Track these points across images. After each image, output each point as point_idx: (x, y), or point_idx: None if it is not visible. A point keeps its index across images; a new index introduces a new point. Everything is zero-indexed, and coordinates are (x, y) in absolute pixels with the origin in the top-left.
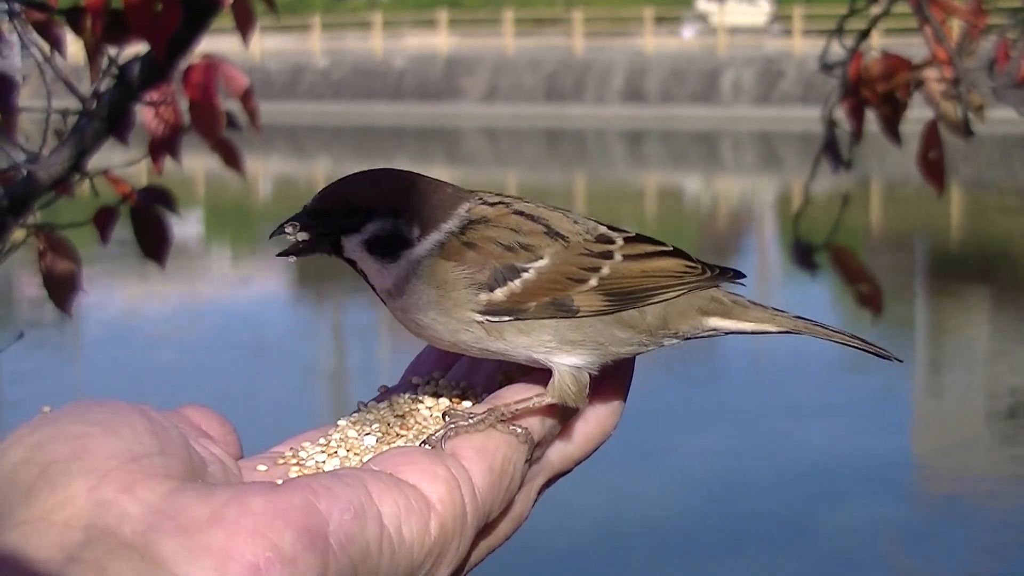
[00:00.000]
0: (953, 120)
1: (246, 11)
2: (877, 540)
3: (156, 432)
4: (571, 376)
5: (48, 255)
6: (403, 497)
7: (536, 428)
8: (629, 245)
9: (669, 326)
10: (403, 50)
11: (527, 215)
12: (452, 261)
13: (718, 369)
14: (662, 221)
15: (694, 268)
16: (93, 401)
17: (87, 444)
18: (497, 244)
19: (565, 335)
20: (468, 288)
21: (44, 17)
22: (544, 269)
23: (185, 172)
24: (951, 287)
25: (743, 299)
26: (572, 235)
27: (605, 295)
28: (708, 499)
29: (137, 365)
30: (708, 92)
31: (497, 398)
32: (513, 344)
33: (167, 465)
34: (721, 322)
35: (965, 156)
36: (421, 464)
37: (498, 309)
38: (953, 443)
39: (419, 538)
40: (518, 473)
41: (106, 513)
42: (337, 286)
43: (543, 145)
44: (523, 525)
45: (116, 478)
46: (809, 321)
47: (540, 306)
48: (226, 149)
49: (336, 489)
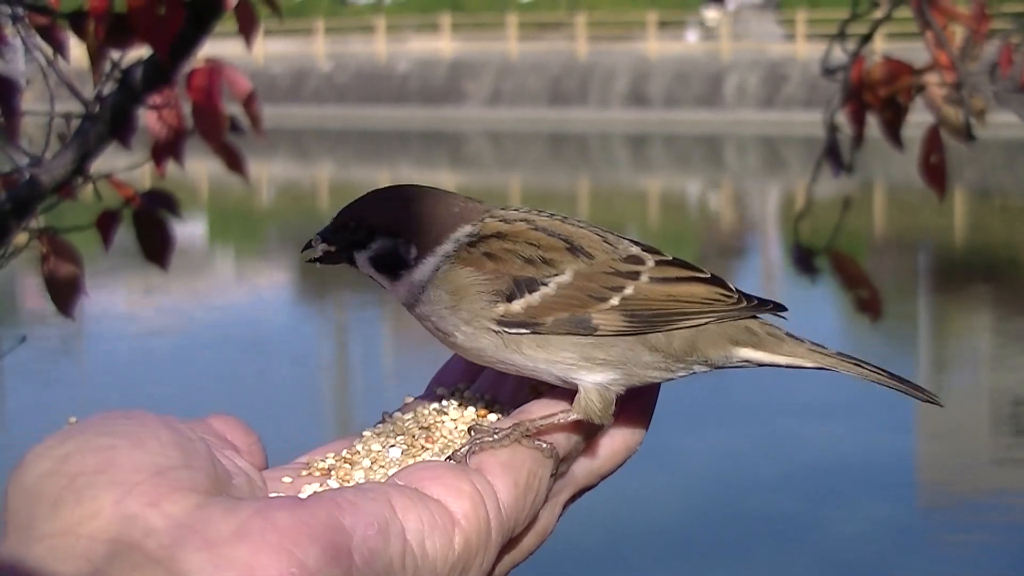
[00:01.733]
0: (955, 124)
1: (249, 14)
2: (879, 541)
3: (181, 444)
4: (597, 393)
5: (51, 258)
6: (427, 512)
7: (562, 443)
8: (660, 268)
9: (697, 353)
10: (407, 54)
11: (548, 231)
12: (469, 267)
13: (721, 369)
14: (666, 225)
15: (727, 297)
16: (120, 412)
17: (113, 457)
18: (518, 256)
19: (585, 352)
20: (484, 296)
21: (47, 21)
22: (564, 284)
23: (189, 176)
24: (955, 291)
25: (780, 331)
26: (599, 253)
27: (627, 316)
28: (710, 499)
29: (140, 369)
30: (712, 96)
31: (523, 412)
32: (532, 358)
33: (192, 478)
34: (753, 353)
35: (969, 161)
36: (446, 479)
37: (514, 320)
38: (956, 445)
39: (443, 553)
40: (543, 488)
41: (132, 527)
42: (344, 289)
43: (547, 149)
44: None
45: (142, 491)
46: (850, 358)
47: (558, 321)
48: (229, 153)
49: (361, 504)
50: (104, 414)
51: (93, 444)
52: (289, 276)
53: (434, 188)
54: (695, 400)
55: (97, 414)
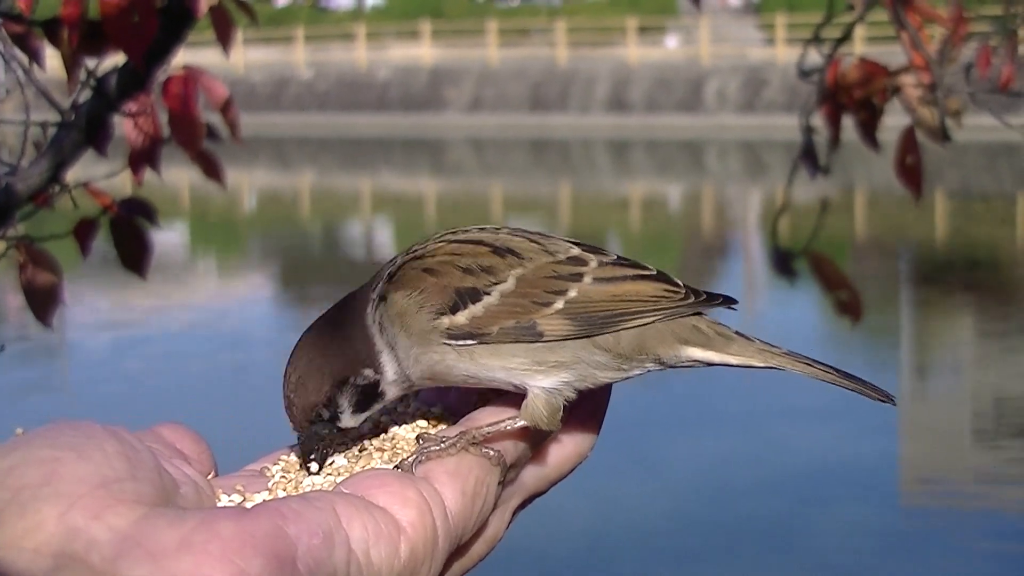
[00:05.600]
0: (930, 125)
1: (225, 21)
2: (866, 545)
3: (127, 455)
4: (543, 400)
5: (29, 267)
6: (372, 521)
7: (509, 450)
8: (602, 268)
9: (646, 353)
10: (387, 61)
11: (467, 241)
12: (402, 291)
13: (707, 374)
14: (647, 230)
15: (674, 293)
16: (66, 423)
17: (58, 469)
18: (455, 268)
19: (537, 356)
20: (426, 311)
21: (22, 29)
22: (508, 292)
23: (171, 185)
24: (936, 293)
25: (729, 330)
26: (536, 255)
27: (572, 319)
28: (697, 504)
29: (118, 378)
30: (692, 101)
31: (470, 420)
32: (488, 367)
33: (137, 490)
34: (702, 353)
35: (949, 164)
36: (393, 487)
37: (460, 333)
38: (940, 448)
39: (388, 562)
40: (491, 495)
41: (75, 540)
42: (326, 299)
43: (528, 155)
44: (504, 538)
45: (86, 504)
46: (800, 357)
47: (503, 330)
48: (206, 160)
49: (305, 513)
50: (50, 425)
51: (37, 456)
52: (270, 284)
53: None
54: (680, 406)
55: (44, 426)
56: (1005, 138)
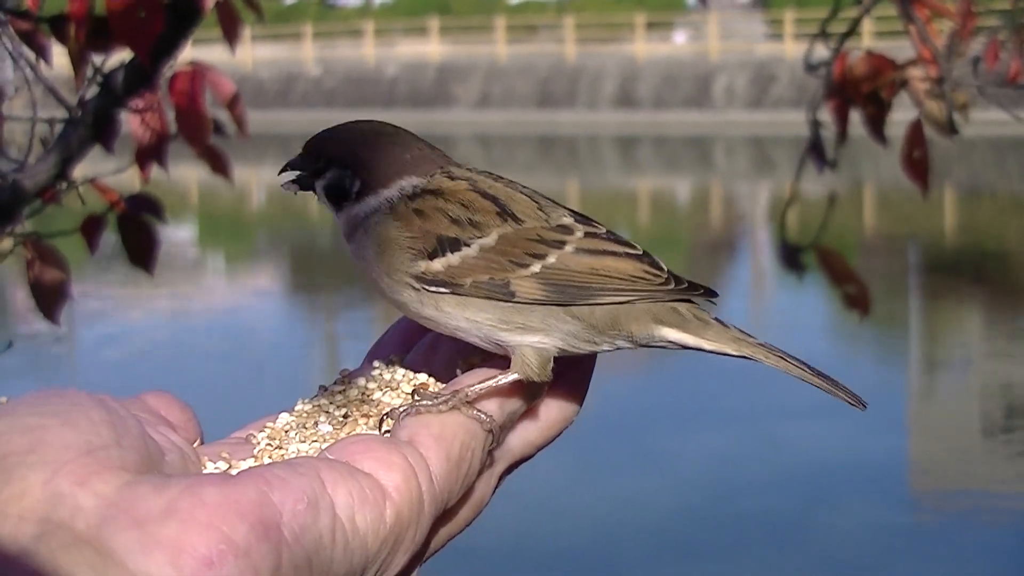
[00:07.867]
0: (938, 119)
1: (231, 17)
2: (872, 542)
3: (113, 423)
4: (532, 351)
5: (36, 264)
6: (357, 486)
7: (496, 413)
8: (588, 239)
9: (619, 328)
10: (395, 58)
11: (485, 194)
12: (398, 223)
13: (712, 370)
14: (655, 226)
15: (655, 276)
16: (52, 391)
17: (43, 436)
18: (445, 216)
19: (505, 315)
20: (408, 252)
21: (30, 26)
22: (487, 247)
23: (179, 181)
24: (945, 288)
25: (707, 316)
26: (529, 219)
27: (545, 284)
28: (703, 501)
29: (126, 373)
30: (700, 97)
31: (459, 382)
32: (452, 316)
33: (123, 457)
34: (677, 335)
35: (958, 159)
36: (378, 452)
37: (434, 279)
38: (948, 444)
39: (373, 527)
40: (476, 460)
41: (61, 506)
42: (335, 293)
43: (536, 151)
44: (510, 535)
45: (71, 471)
46: (775, 350)
47: (476, 284)
48: (213, 156)
49: (290, 479)
50: (36, 393)
51: (23, 424)
52: (278, 280)
53: (403, 132)
54: (687, 402)
55: (29, 393)
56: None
